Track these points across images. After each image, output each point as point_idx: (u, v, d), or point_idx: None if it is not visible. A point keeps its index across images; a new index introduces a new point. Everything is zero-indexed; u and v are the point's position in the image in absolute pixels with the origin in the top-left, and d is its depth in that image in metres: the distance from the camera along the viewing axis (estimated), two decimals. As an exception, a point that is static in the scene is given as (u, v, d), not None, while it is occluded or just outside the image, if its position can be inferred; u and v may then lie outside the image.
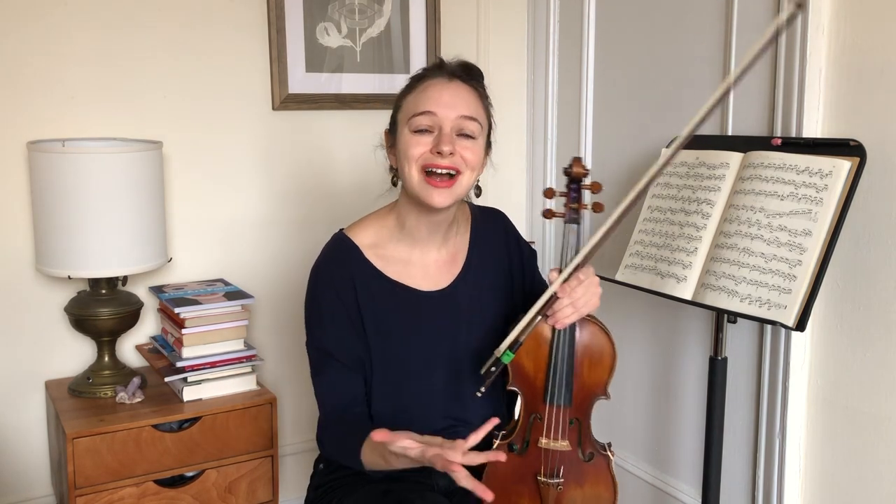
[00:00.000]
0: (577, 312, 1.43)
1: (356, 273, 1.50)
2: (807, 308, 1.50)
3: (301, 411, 2.44)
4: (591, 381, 1.53)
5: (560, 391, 1.49)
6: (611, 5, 2.36)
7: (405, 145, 1.44)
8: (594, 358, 1.53)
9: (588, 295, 1.44)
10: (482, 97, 1.50)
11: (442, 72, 1.47)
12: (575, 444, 1.53)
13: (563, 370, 1.49)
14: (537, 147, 2.66)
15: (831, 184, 1.55)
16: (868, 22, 1.67)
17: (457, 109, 1.42)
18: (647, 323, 2.29)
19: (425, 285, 1.54)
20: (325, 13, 2.35)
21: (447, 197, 1.43)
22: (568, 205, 1.49)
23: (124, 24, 2.11)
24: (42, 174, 1.86)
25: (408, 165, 1.43)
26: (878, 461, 1.73)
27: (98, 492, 1.84)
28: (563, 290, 1.41)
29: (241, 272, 2.33)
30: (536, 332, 1.47)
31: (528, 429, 1.52)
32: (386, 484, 1.51)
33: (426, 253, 1.55)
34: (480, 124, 1.46)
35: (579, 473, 1.53)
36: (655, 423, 2.30)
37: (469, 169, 1.44)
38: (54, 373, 2.13)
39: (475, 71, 1.51)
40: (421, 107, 1.43)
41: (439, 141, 1.41)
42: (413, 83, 1.49)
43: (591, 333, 1.52)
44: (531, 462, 1.52)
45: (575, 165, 1.48)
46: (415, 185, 1.44)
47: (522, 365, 1.50)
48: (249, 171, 2.32)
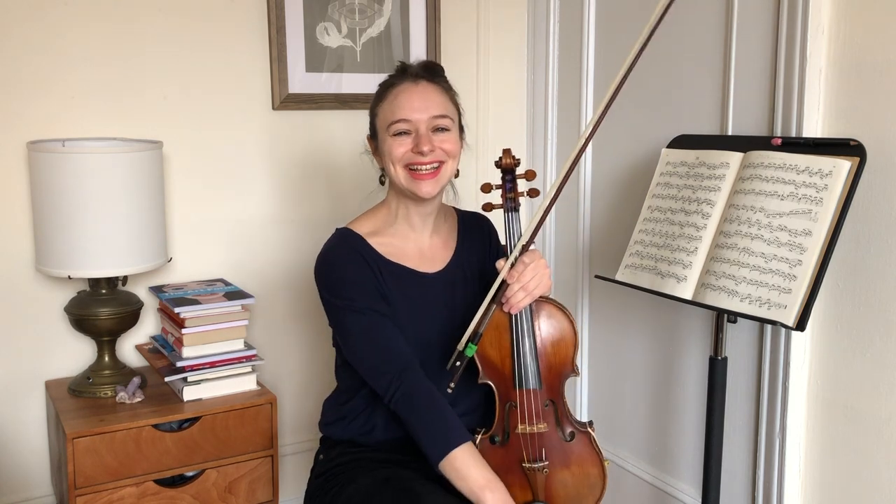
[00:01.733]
0: (529, 296, 1.52)
1: (363, 254, 1.59)
2: (807, 308, 1.50)
3: (301, 411, 2.44)
4: (557, 360, 1.59)
5: (528, 374, 1.55)
6: (611, 5, 2.36)
7: (389, 148, 1.58)
8: (555, 336, 1.59)
9: (538, 277, 1.52)
10: (447, 90, 1.63)
11: (406, 76, 1.60)
12: (553, 425, 1.57)
13: (527, 353, 1.55)
14: (537, 147, 2.66)
15: (831, 184, 1.55)
16: (868, 22, 1.67)
17: (428, 111, 1.56)
18: (647, 323, 2.29)
19: (424, 267, 1.64)
20: (325, 13, 2.35)
21: (433, 186, 1.57)
22: (504, 195, 1.60)
23: (124, 23, 2.11)
24: (42, 174, 1.86)
25: (393, 166, 1.58)
26: (878, 461, 1.73)
27: (98, 492, 1.84)
28: (512, 276, 1.51)
29: (241, 272, 2.33)
30: (495, 321, 1.54)
31: (505, 418, 1.56)
32: (386, 471, 1.55)
33: (420, 238, 1.66)
34: (451, 118, 1.59)
35: (563, 454, 1.57)
36: (655, 423, 2.30)
37: (450, 157, 1.58)
38: (54, 373, 2.13)
39: (437, 68, 1.64)
40: (397, 115, 1.56)
41: (418, 142, 1.55)
42: (383, 91, 1.62)
43: (548, 314, 1.59)
44: (514, 451, 1.56)
45: (505, 157, 1.61)
46: (402, 182, 1.58)
47: (488, 355, 1.56)
48: (249, 170, 2.32)
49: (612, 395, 2.46)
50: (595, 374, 2.52)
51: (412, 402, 1.48)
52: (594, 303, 2.49)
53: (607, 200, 2.40)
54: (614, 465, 2.39)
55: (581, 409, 2.58)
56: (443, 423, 1.47)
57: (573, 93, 2.51)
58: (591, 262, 2.49)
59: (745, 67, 1.91)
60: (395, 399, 1.49)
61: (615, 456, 2.42)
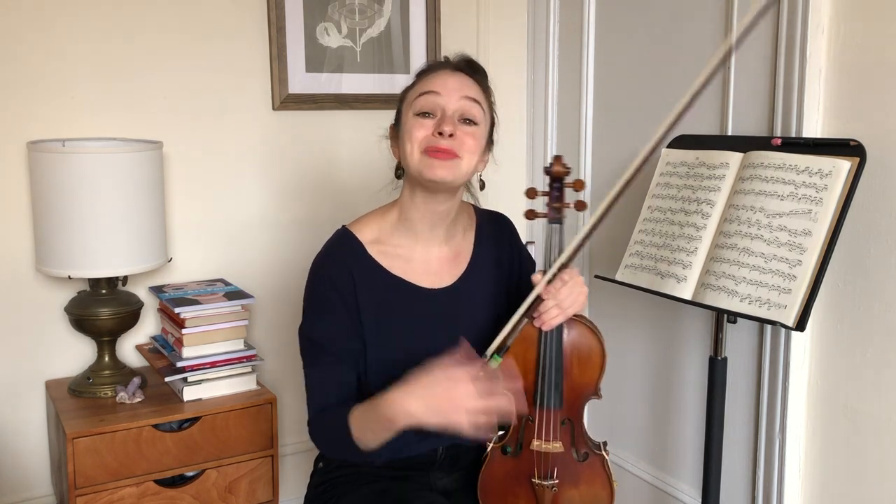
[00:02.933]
0: (563, 314, 1.43)
1: (357, 269, 1.48)
2: (807, 308, 1.50)
3: (301, 411, 2.43)
4: (582, 382, 1.52)
5: (550, 394, 1.48)
6: (611, 5, 2.36)
7: (409, 128, 1.44)
8: (583, 358, 1.51)
9: (574, 295, 1.44)
10: (485, 90, 1.50)
11: (447, 64, 1.49)
12: (568, 445, 1.51)
13: (552, 373, 1.47)
14: (537, 147, 2.66)
15: (831, 184, 1.55)
16: (868, 22, 1.67)
17: (461, 91, 1.43)
18: (647, 323, 2.29)
19: (427, 282, 1.53)
20: (326, 13, 2.35)
21: (447, 171, 1.41)
22: (550, 204, 1.48)
23: (124, 24, 2.11)
24: (42, 174, 1.86)
25: (409, 146, 1.43)
26: (878, 461, 1.73)
27: (98, 492, 1.84)
28: (548, 292, 1.42)
29: (241, 272, 2.33)
30: (524, 335, 1.46)
31: (520, 431, 1.51)
32: (385, 483, 1.51)
33: (428, 249, 1.54)
34: (483, 109, 1.47)
35: (574, 474, 1.52)
36: (655, 423, 2.30)
37: (468, 153, 1.43)
38: (54, 373, 2.13)
39: (479, 67, 1.53)
40: (426, 88, 1.44)
41: (441, 121, 1.41)
42: (417, 77, 1.50)
43: (579, 334, 1.51)
44: (525, 464, 1.51)
45: (556, 164, 1.48)
46: (416, 163, 1.42)
47: None
48: (249, 170, 2.32)
49: (612, 395, 2.46)
50: (595, 375, 2.52)
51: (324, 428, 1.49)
52: (594, 303, 2.49)
53: (601, 200, 2.39)
54: (614, 464, 2.39)
55: (581, 409, 2.58)
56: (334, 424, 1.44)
57: (573, 93, 2.51)
58: (592, 262, 2.49)
59: (745, 67, 1.91)
60: (314, 433, 1.51)
61: (615, 456, 2.42)
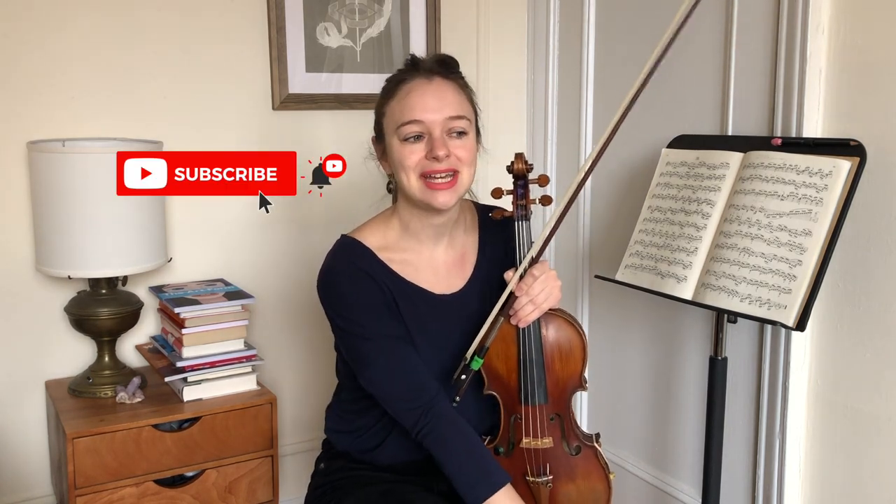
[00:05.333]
0: (537, 309, 1.44)
1: (373, 272, 1.47)
2: (807, 308, 1.50)
3: (301, 411, 2.44)
4: (565, 375, 1.52)
5: (534, 390, 1.48)
6: (611, 5, 2.36)
7: (399, 156, 1.42)
8: (564, 351, 1.51)
9: (547, 290, 1.44)
10: (464, 88, 1.48)
11: (419, 71, 1.44)
12: (559, 440, 1.52)
13: (533, 369, 1.48)
14: (537, 147, 2.66)
15: (831, 184, 1.55)
16: (867, 22, 1.67)
17: (443, 112, 1.40)
18: (647, 323, 2.29)
19: (438, 288, 1.52)
20: (325, 13, 2.35)
21: (451, 196, 1.42)
22: (515, 202, 1.48)
23: (124, 23, 2.11)
24: (42, 174, 1.86)
25: (405, 175, 1.42)
26: (878, 461, 1.73)
27: (98, 492, 1.84)
28: (520, 289, 1.43)
29: (241, 272, 2.33)
30: (503, 334, 1.47)
31: (510, 430, 1.52)
32: (386, 485, 1.51)
33: (434, 254, 1.53)
34: (468, 119, 1.45)
35: (568, 468, 1.52)
36: (655, 423, 2.30)
37: (466, 165, 1.44)
38: (54, 373, 2.13)
39: (452, 63, 1.48)
40: (407, 115, 1.40)
41: (433, 146, 1.39)
42: (391, 87, 1.46)
43: (557, 327, 1.51)
44: (518, 463, 1.51)
45: (517, 161, 1.49)
46: (416, 193, 1.42)
47: (494, 368, 1.49)
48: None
49: (612, 395, 2.46)
50: (595, 375, 2.52)
51: (446, 445, 1.40)
52: (594, 303, 2.49)
53: (607, 200, 2.40)
54: (614, 465, 2.39)
55: (581, 409, 2.57)
56: (482, 463, 1.40)
57: (573, 93, 2.50)
58: (591, 262, 2.48)
59: (745, 67, 1.91)
60: (424, 436, 1.41)
61: (615, 456, 2.42)
